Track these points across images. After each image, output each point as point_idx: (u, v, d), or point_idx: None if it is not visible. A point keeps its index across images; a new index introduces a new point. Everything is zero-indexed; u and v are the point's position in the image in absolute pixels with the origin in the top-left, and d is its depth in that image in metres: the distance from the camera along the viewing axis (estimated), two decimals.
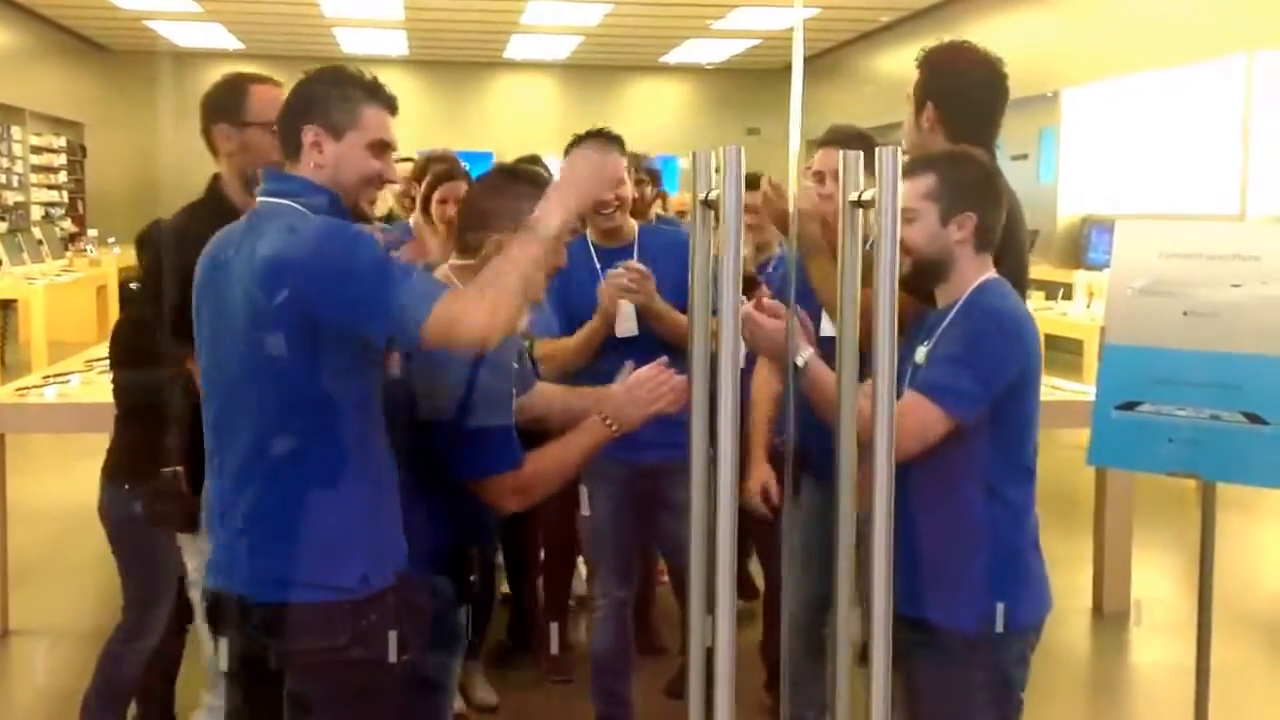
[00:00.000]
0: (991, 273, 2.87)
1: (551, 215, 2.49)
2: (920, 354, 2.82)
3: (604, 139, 3.94)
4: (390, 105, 2.58)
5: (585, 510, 4.08)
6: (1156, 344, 3.69)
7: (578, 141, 3.90)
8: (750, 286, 3.73)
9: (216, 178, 3.33)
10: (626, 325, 3.96)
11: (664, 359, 2.91)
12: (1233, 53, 10.59)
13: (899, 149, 2.13)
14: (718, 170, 2.18)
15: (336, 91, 2.51)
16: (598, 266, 3.99)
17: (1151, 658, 4.50)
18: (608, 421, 2.78)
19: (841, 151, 2.31)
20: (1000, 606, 2.76)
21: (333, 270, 2.35)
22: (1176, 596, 5.63)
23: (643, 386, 2.81)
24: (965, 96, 3.42)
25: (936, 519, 2.79)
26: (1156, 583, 6.07)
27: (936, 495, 2.77)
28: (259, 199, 2.52)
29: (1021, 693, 2.86)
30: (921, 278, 2.86)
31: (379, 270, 2.36)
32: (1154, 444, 3.70)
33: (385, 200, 5.75)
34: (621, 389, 2.81)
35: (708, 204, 2.25)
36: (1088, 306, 9.91)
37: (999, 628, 2.76)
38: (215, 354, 2.49)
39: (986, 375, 2.73)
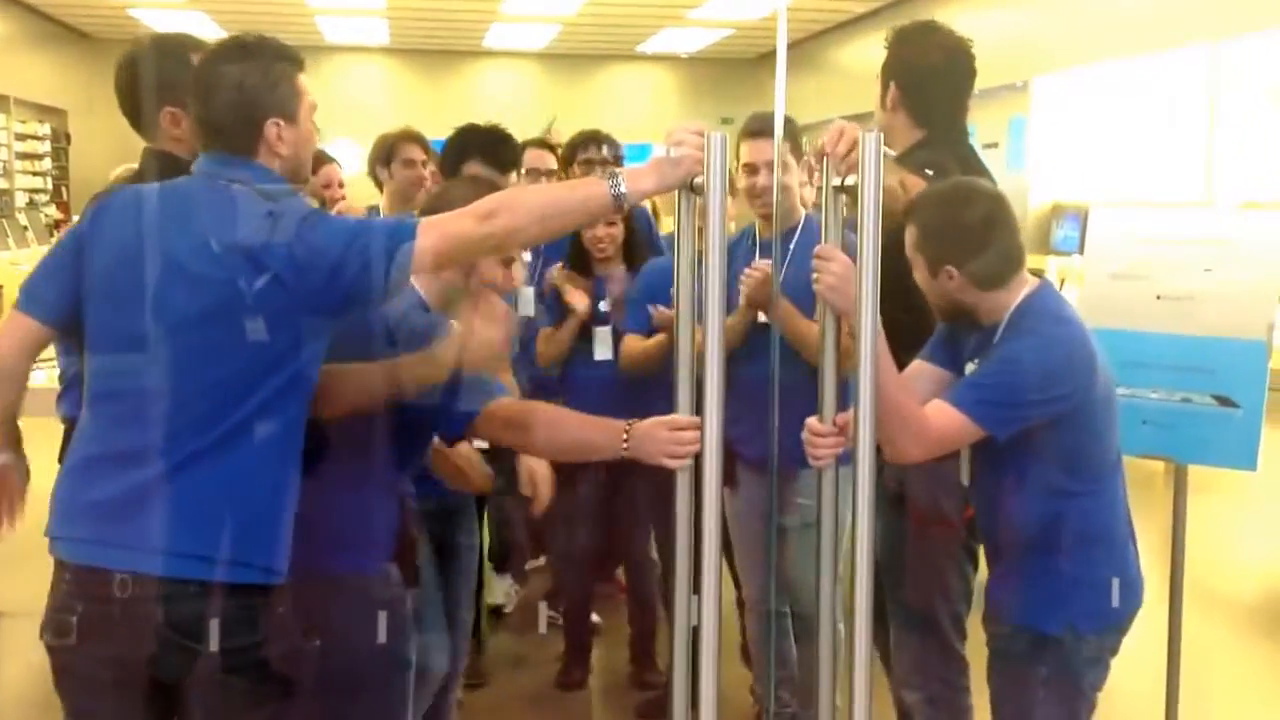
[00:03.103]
0: (1029, 286, 2.77)
1: (643, 179, 2.33)
2: (969, 368, 2.79)
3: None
4: (303, 64, 2.49)
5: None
6: (1129, 327, 3.74)
7: None
8: None
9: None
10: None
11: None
12: (1199, 41, 10.66)
13: (880, 134, 2.17)
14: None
15: (274, 73, 2.42)
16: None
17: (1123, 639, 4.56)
18: (626, 441, 2.49)
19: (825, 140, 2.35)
20: (1065, 606, 2.75)
21: (319, 252, 2.28)
22: (1145, 576, 5.69)
23: (667, 428, 2.43)
24: (927, 77, 3.38)
25: (1010, 521, 2.79)
26: None
27: (1009, 499, 2.75)
28: (199, 176, 2.41)
29: (1095, 694, 2.83)
30: (955, 314, 2.80)
31: (356, 227, 2.33)
32: (1127, 427, 3.72)
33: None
34: (651, 424, 2.46)
35: (693, 189, 2.29)
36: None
37: (1068, 628, 2.75)
38: (131, 329, 2.33)
39: (1022, 396, 2.64)
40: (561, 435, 2.63)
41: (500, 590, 5.28)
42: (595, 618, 4.93)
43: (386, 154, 4.88)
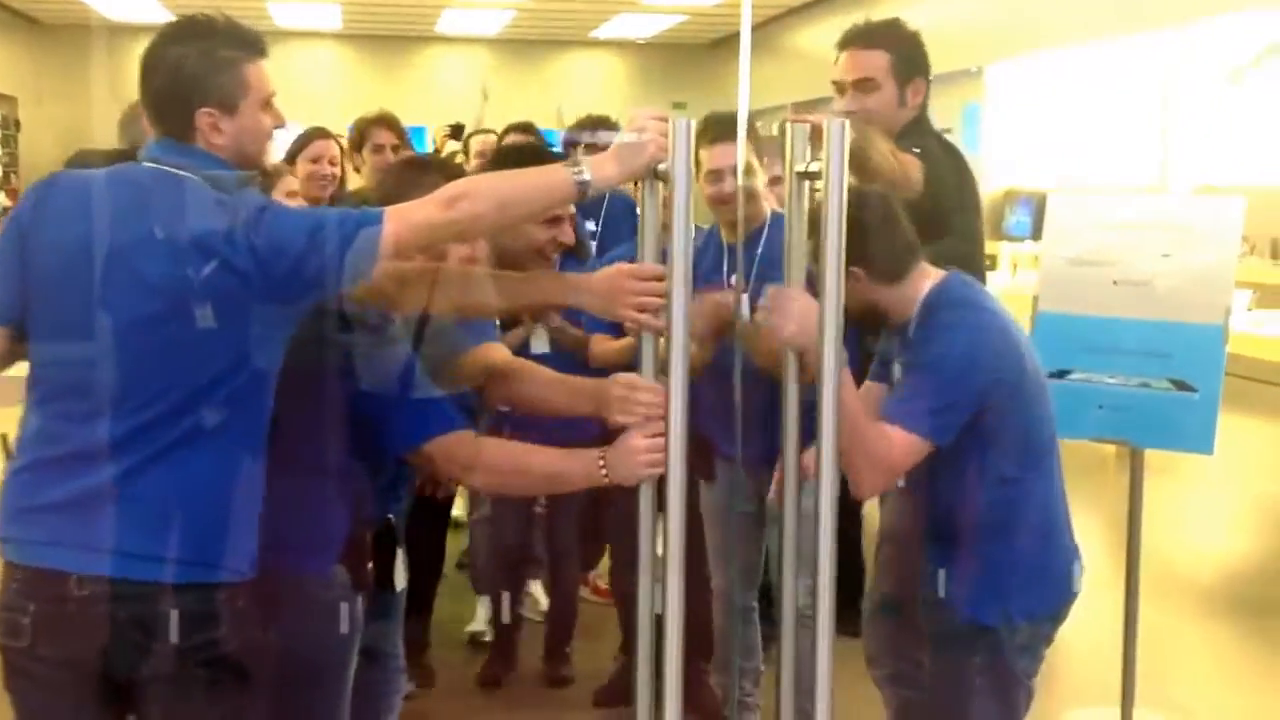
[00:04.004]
0: (932, 279, 2.78)
1: (606, 165, 2.29)
2: (895, 371, 2.79)
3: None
4: (263, 50, 2.39)
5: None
6: (1087, 313, 3.77)
7: None
8: None
9: None
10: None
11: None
12: (1153, 28, 10.74)
13: (846, 122, 2.16)
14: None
15: (215, 59, 2.31)
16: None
17: (1077, 619, 4.59)
18: (602, 466, 2.38)
19: (789, 124, 2.34)
20: (1002, 596, 2.74)
21: (280, 244, 2.21)
22: (1098, 559, 5.75)
23: (640, 436, 2.36)
24: (929, 69, 3.44)
25: (945, 511, 2.77)
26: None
27: (943, 490, 2.74)
28: (147, 164, 2.32)
29: (1031, 682, 2.82)
30: (867, 316, 2.79)
31: (318, 217, 2.28)
32: (1084, 411, 3.77)
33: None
34: (623, 442, 2.38)
35: (657, 175, 2.27)
36: (1012, 277, 10.07)
37: (1000, 618, 2.73)
38: (81, 325, 2.26)
39: (956, 395, 2.64)
40: (531, 471, 2.55)
41: (482, 618, 4.94)
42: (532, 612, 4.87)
43: (359, 138, 4.84)
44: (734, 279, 3.34)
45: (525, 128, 5.64)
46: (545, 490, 2.61)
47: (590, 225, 4.91)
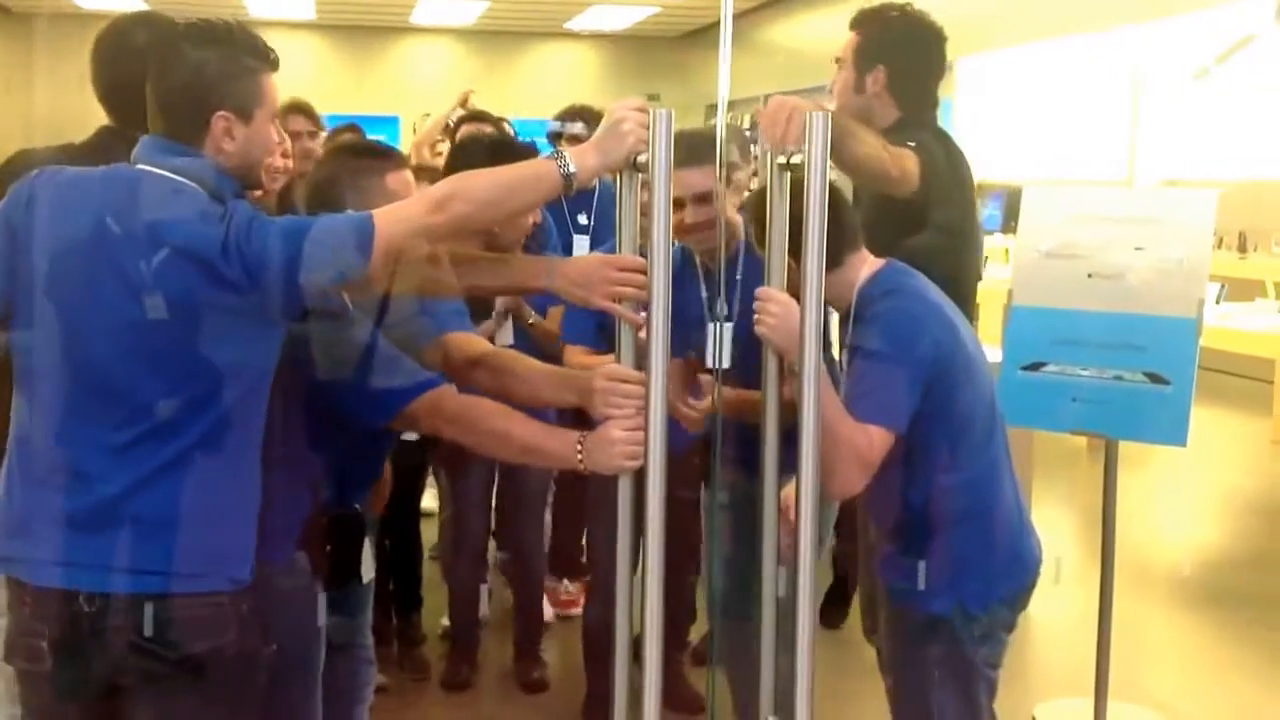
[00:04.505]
0: (870, 267, 2.75)
1: (588, 156, 2.29)
2: (839, 357, 2.78)
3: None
4: (277, 64, 2.37)
5: None
6: (1061, 305, 3.79)
7: None
8: None
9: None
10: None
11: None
12: (1123, 24, 10.79)
13: (828, 115, 2.16)
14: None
15: (238, 66, 2.30)
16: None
17: (1050, 611, 4.63)
18: (580, 455, 2.38)
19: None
20: (954, 585, 2.71)
21: (271, 254, 2.17)
22: (1071, 551, 5.78)
23: (619, 429, 2.35)
24: (917, 60, 3.38)
25: (892, 501, 2.76)
26: (1050, 538, 6.23)
27: (890, 479, 2.71)
28: (141, 166, 2.28)
29: (993, 672, 2.80)
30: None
31: (305, 225, 2.23)
32: (1059, 403, 3.79)
33: None
34: (603, 430, 2.37)
35: (636, 166, 2.27)
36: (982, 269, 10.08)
37: (954, 607, 2.72)
38: (75, 335, 2.22)
39: (903, 374, 2.62)
40: (511, 438, 2.51)
41: None
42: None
43: None
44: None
45: (480, 116, 5.55)
46: (518, 459, 2.62)
47: (582, 218, 4.90)
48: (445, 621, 4.86)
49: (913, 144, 3.10)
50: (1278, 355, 8.12)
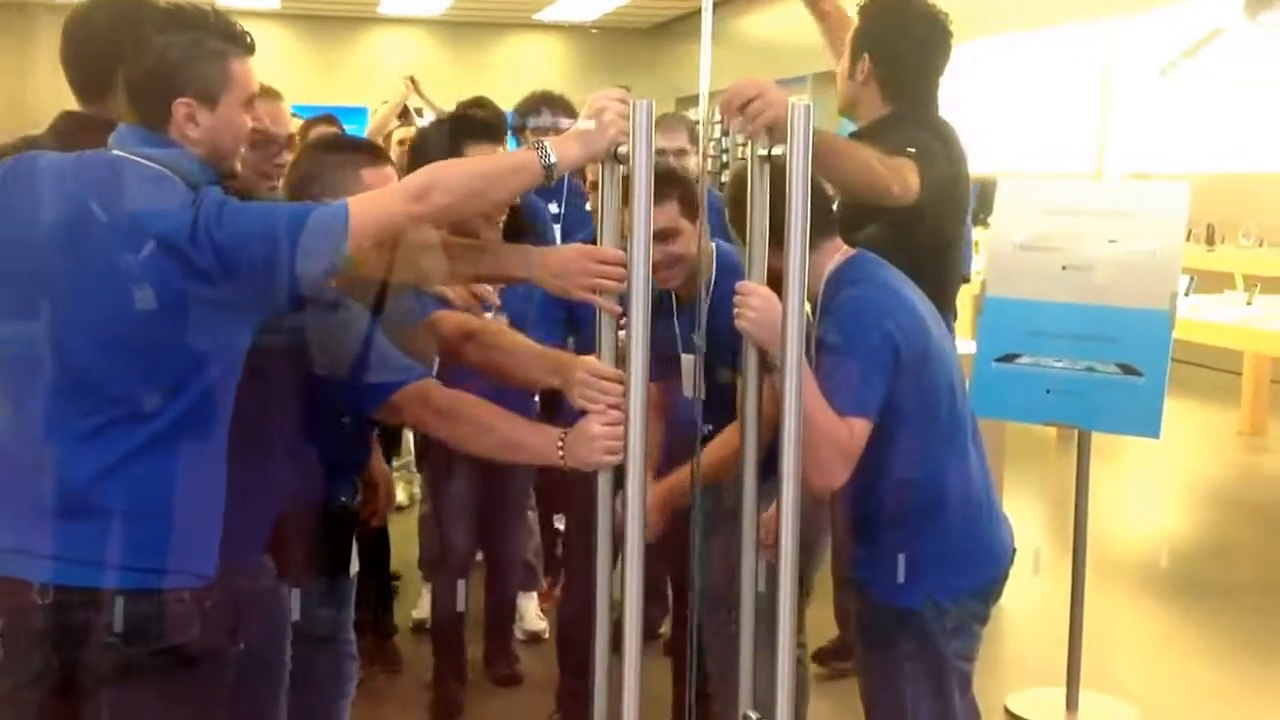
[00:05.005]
0: (842, 254, 2.73)
1: (569, 147, 2.28)
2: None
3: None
4: (252, 48, 2.32)
5: None
6: (1035, 297, 3.81)
7: None
8: None
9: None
10: None
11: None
12: (1094, 17, 10.85)
13: (809, 106, 2.16)
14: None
15: (201, 50, 2.23)
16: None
17: (1022, 603, 4.65)
18: (561, 449, 2.38)
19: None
20: (923, 578, 2.68)
21: (246, 244, 2.14)
22: (1042, 542, 5.82)
23: (599, 424, 2.34)
24: (907, 51, 3.29)
25: (861, 495, 2.72)
26: (1021, 530, 6.26)
27: (860, 472, 2.64)
28: (116, 152, 2.24)
29: (967, 664, 2.78)
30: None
31: (282, 214, 2.19)
32: (1032, 395, 3.82)
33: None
34: (583, 426, 2.36)
35: (617, 158, 2.26)
36: None
37: (923, 600, 2.69)
38: (46, 322, 2.18)
39: (872, 360, 2.58)
40: (494, 431, 2.50)
41: (426, 606, 4.78)
42: None
43: None
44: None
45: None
46: (500, 455, 2.59)
47: (553, 208, 4.87)
48: (416, 614, 4.84)
49: (912, 150, 2.98)
50: (1245, 347, 8.17)
